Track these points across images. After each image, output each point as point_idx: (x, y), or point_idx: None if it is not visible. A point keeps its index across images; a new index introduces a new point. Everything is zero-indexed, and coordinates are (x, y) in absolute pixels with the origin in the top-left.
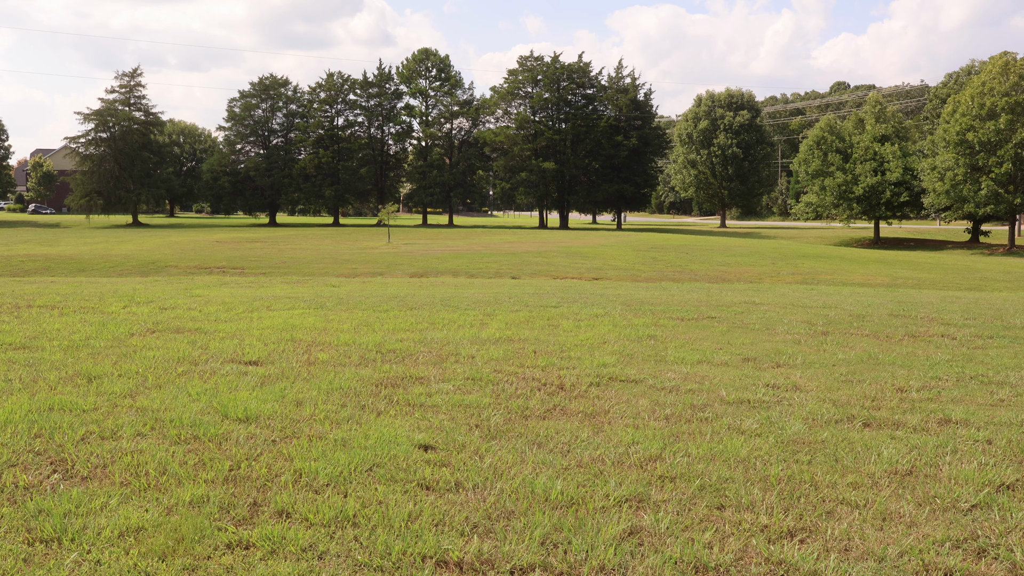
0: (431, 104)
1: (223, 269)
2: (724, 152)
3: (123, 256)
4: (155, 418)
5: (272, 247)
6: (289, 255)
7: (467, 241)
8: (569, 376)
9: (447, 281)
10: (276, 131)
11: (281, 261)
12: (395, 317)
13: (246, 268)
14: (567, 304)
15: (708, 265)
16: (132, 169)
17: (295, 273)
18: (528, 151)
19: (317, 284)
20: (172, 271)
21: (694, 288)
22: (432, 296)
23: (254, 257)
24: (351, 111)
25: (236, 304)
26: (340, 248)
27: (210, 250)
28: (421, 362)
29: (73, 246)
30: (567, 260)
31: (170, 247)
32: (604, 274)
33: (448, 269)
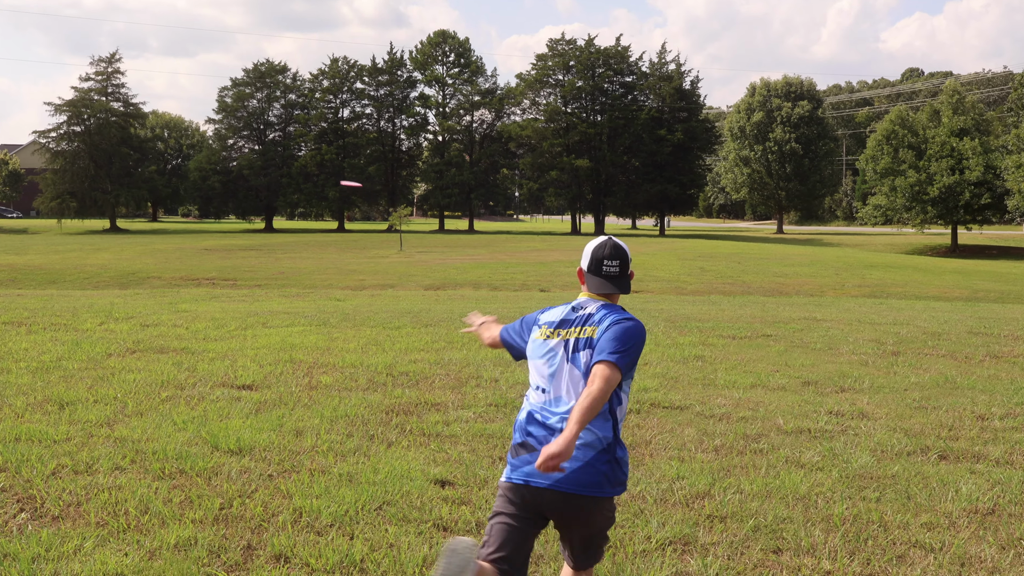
0: (449, 94)
1: (213, 281)
2: (781, 148)
3: (99, 266)
4: (136, 450)
5: (268, 256)
6: (288, 265)
7: (490, 249)
8: None
9: (467, 294)
10: (273, 124)
11: (278, 272)
12: (408, 335)
13: (239, 279)
14: None
15: (763, 276)
16: (110, 167)
17: (294, 285)
18: (559, 147)
19: (319, 298)
20: (155, 283)
21: (747, 302)
22: (450, 311)
23: (248, 267)
24: (358, 101)
25: (228, 320)
26: (345, 257)
27: (198, 259)
28: (437, 386)
29: (43, 254)
30: None
31: (153, 256)
32: (645, 286)
33: (468, 281)
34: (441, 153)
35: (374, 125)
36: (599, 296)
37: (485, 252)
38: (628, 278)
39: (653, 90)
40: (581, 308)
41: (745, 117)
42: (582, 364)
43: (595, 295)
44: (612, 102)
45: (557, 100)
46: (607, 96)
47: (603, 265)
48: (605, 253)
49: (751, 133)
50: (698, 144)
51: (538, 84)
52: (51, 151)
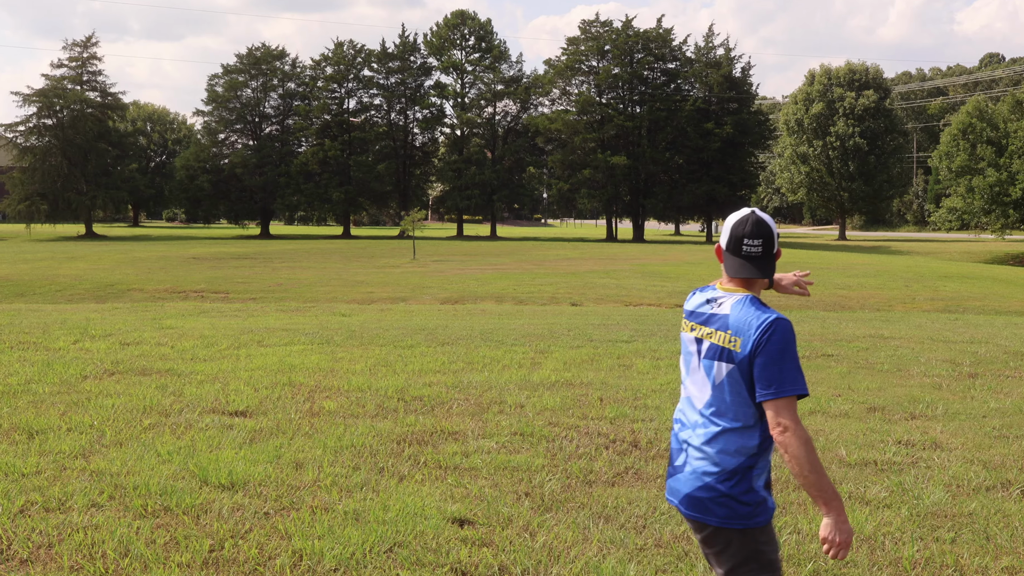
0: (468, 82)
1: (201, 293)
2: (843, 143)
3: (74, 276)
4: (114, 484)
5: (264, 265)
6: (286, 275)
7: (514, 257)
8: (645, 430)
9: (489, 309)
10: (270, 116)
11: (276, 283)
12: (422, 355)
13: (231, 292)
14: (642, 338)
15: (823, 288)
16: (85, 165)
17: (294, 298)
18: (592, 142)
19: (322, 313)
20: (136, 296)
21: (805, 317)
22: (469, 328)
23: (241, 278)
24: (365, 91)
25: (218, 338)
26: (351, 267)
27: (185, 269)
28: (455, 413)
29: (9, 263)
30: (643, 282)
31: (134, 265)
32: None
33: (490, 293)
34: (459, 149)
35: (384, 118)
36: (737, 283)
37: (509, 261)
38: (773, 259)
39: (699, 78)
40: (716, 302)
41: (803, 109)
42: (713, 376)
43: (733, 280)
44: (653, 92)
45: (590, 89)
46: (647, 85)
47: (743, 245)
48: (746, 231)
49: (809, 127)
50: (750, 139)
51: (569, 71)
52: (19, 147)
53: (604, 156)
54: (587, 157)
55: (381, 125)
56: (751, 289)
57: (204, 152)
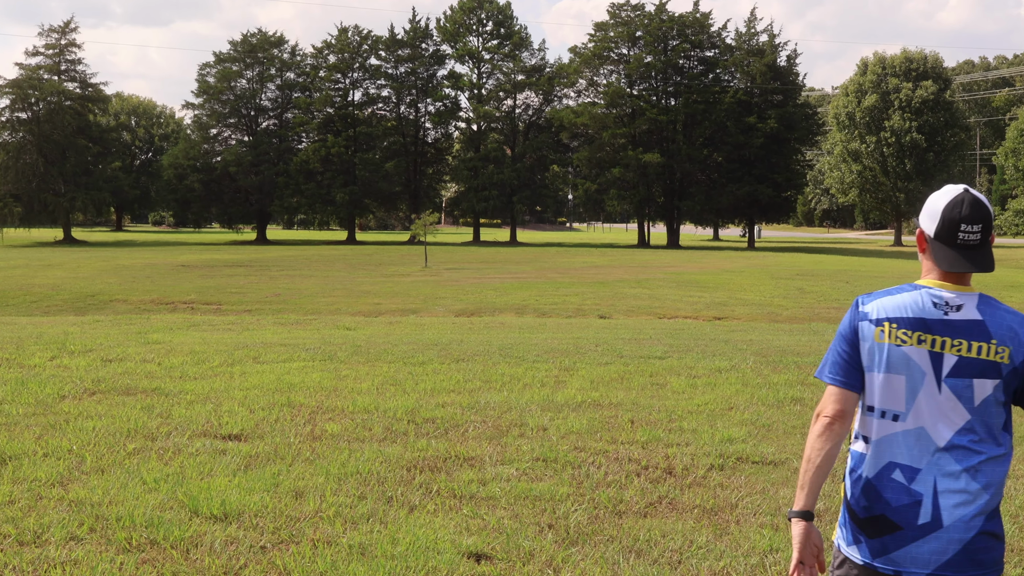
0: (485, 72)
1: (191, 305)
2: (899, 139)
3: (50, 286)
4: (95, 515)
5: (261, 273)
6: (285, 285)
7: (537, 265)
8: (680, 456)
9: (508, 322)
10: (267, 110)
11: (274, 293)
12: (435, 373)
13: (224, 303)
14: (677, 354)
15: None
16: (63, 163)
17: (294, 310)
18: (623, 138)
19: (325, 326)
20: (119, 307)
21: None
22: (487, 343)
23: (235, 288)
24: (372, 81)
25: (210, 354)
26: (357, 275)
27: (173, 278)
28: (471, 436)
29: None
30: (678, 292)
31: (117, 273)
32: (730, 311)
33: (510, 305)
34: (476, 146)
35: (392, 111)
36: (952, 279)
37: (531, 269)
38: (991, 248)
39: (740, 67)
40: (949, 306)
41: (854, 101)
42: (974, 395)
43: (948, 276)
44: (689, 82)
45: (620, 80)
46: (683, 75)
47: (960, 231)
48: (962, 214)
49: (862, 121)
50: (796, 135)
51: (597, 60)
52: None
53: (635, 153)
54: (616, 154)
55: (389, 119)
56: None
57: (194, 149)
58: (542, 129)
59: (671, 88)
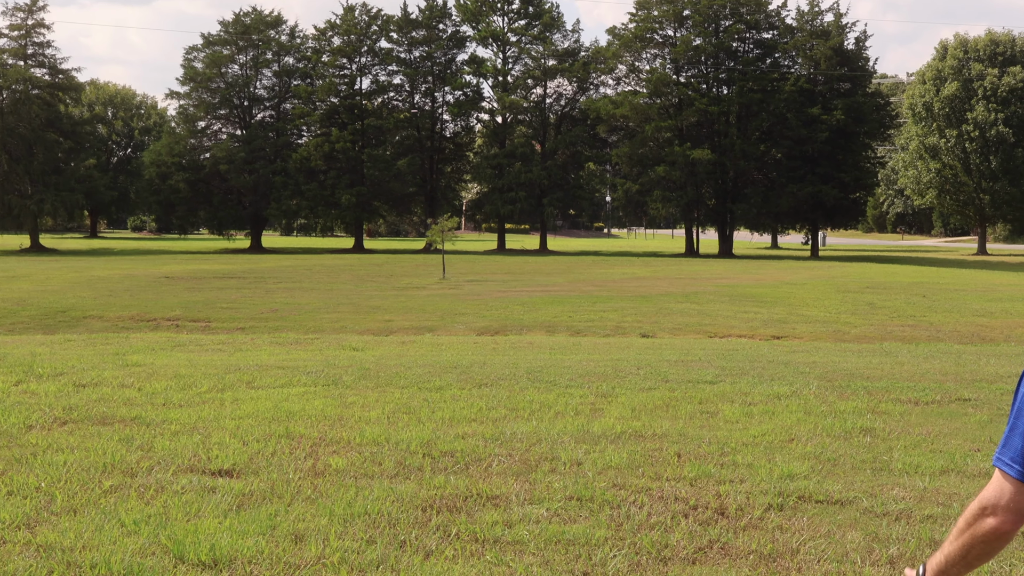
0: (512, 56)
1: (176, 322)
2: (983, 133)
3: (16, 300)
4: (67, 562)
5: (256, 286)
6: (283, 299)
7: (570, 276)
8: (734, 495)
9: (538, 341)
10: (262, 100)
11: (270, 308)
12: (453, 399)
13: (214, 320)
14: (730, 378)
15: (957, 315)
16: (30, 161)
17: (293, 328)
18: (668, 131)
19: (329, 346)
20: (94, 324)
21: (935, 352)
22: (514, 365)
23: (226, 302)
24: (382, 67)
25: (197, 378)
26: (366, 288)
27: (155, 291)
28: (495, 472)
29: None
30: (731, 307)
31: (91, 286)
32: (790, 329)
33: (539, 322)
34: (501, 141)
35: (406, 101)
36: None
37: (563, 281)
38: None
39: (802, 51)
40: None
41: (932, 90)
42: None
43: None
44: (744, 68)
45: (665, 65)
46: (736, 59)
47: None
48: None
49: (941, 112)
50: (865, 128)
51: (638, 43)
52: None
53: (682, 149)
54: (661, 150)
55: (402, 110)
56: None
57: (179, 144)
58: (576, 121)
59: (723, 75)
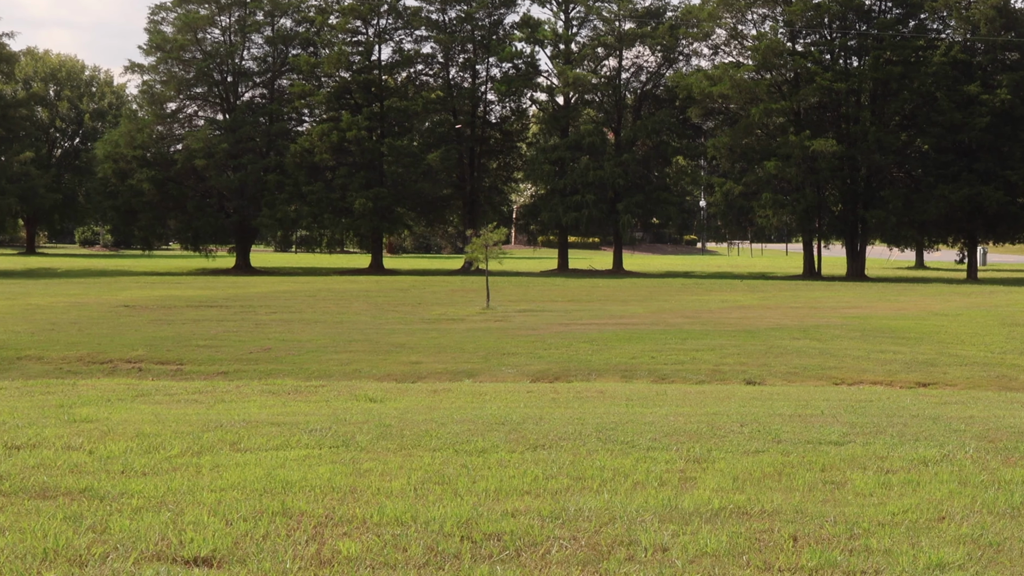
0: (576, 17)
1: (138, 364)
2: None
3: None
4: None
5: (243, 318)
6: (278, 334)
7: (652, 305)
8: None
9: (610, 390)
10: (251, 74)
11: (261, 347)
12: (500, 466)
13: (187, 361)
14: (862, 437)
15: None
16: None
17: (291, 372)
18: (781, 115)
19: (338, 396)
20: (31, 368)
21: None
22: (579, 421)
23: (204, 338)
24: (408, 32)
25: (166, 438)
26: (387, 319)
27: (112, 324)
28: (555, 560)
29: None
30: (863, 345)
31: (27, 318)
32: (940, 374)
33: (612, 364)
34: (563, 128)
35: (438, 76)
36: None
37: (643, 311)
38: None
39: (956, 11)
40: None
41: None
42: None
43: None
44: (880, 34)
45: (777, 30)
46: (871, 22)
47: None
48: None
49: None
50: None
51: (741, 1)
52: None
53: (799, 139)
54: (772, 140)
55: (433, 88)
56: None
57: (143, 132)
58: (661, 103)
59: (853, 42)
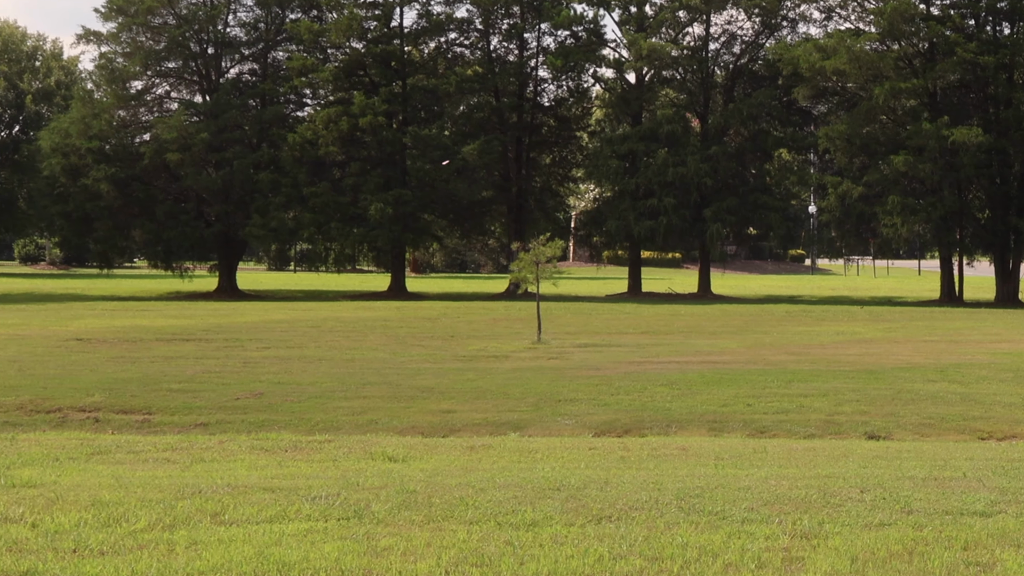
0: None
1: (95, 414)
2: None
3: None
4: None
5: (227, 354)
6: (272, 375)
7: (748, 338)
8: None
9: (695, 446)
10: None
11: (251, 391)
12: (556, 543)
13: (157, 410)
14: (1014, 507)
15: None
16: None
17: (289, 423)
18: (912, 97)
19: (348, 453)
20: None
21: None
22: (655, 486)
23: (179, 380)
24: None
25: (131, 507)
26: (410, 356)
27: (61, 362)
28: None
29: None
30: (1017, 389)
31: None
32: None
33: (697, 413)
34: (635, 114)
35: (476, 47)
36: None
37: (737, 346)
38: None
39: None
40: None
41: None
42: None
43: None
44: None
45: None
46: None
47: None
48: None
49: None
50: None
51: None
52: None
53: (936, 127)
54: (900, 130)
55: (469, 62)
56: None
57: (100, 118)
58: (759, 81)
59: (1004, 3)
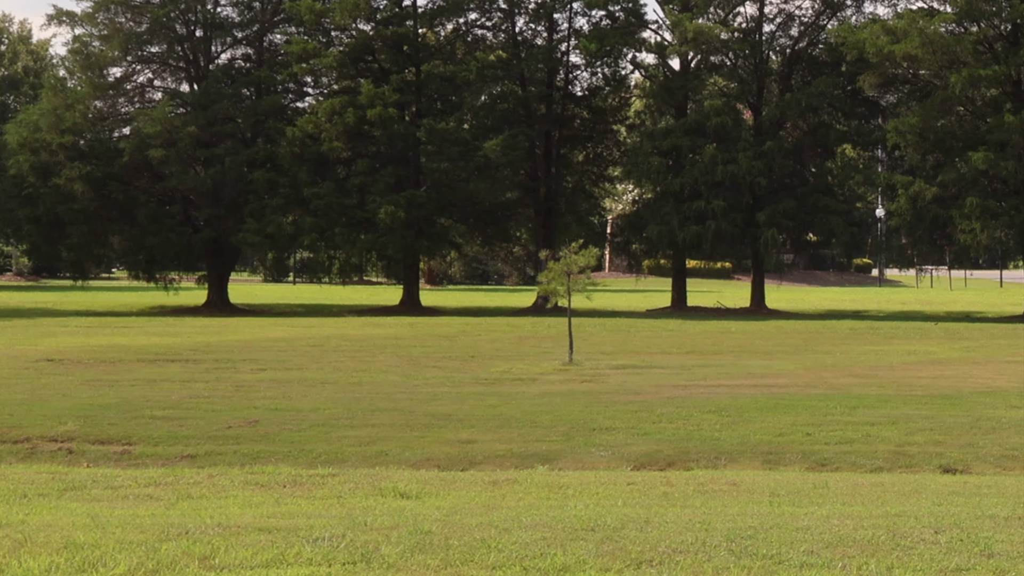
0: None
1: (68, 444)
2: None
3: None
4: None
5: (218, 376)
6: (269, 400)
7: (807, 358)
8: None
9: (747, 481)
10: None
11: (245, 419)
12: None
13: (138, 440)
14: None
15: None
16: None
17: (287, 455)
18: (993, 86)
19: (355, 489)
20: None
21: None
22: (702, 526)
23: (163, 406)
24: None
25: (108, 550)
26: (425, 379)
27: (30, 386)
28: None
29: None
30: None
31: None
32: None
33: (748, 443)
34: (679, 105)
35: (499, 29)
36: None
37: (794, 367)
38: None
39: None
40: None
41: None
42: None
43: None
44: None
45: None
46: None
47: None
48: None
49: None
50: None
51: None
52: None
53: (1019, 119)
54: (980, 123)
55: (492, 46)
56: None
57: (74, 110)
58: (820, 68)
59: None
